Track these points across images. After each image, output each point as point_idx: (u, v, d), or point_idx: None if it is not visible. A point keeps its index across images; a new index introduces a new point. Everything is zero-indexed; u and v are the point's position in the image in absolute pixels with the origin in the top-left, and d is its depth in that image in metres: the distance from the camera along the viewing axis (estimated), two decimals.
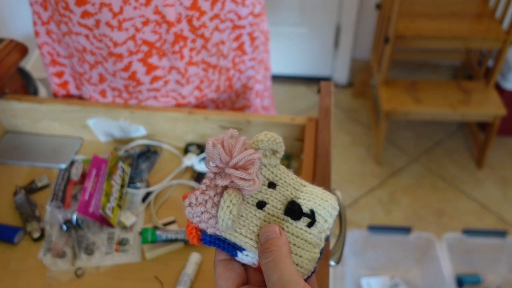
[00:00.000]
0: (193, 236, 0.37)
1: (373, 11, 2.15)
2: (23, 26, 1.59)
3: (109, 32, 0.73)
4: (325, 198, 0.37)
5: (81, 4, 0.70)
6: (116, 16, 0.71)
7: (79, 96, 0.91)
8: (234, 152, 0.34)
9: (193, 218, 0.35)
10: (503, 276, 1.53)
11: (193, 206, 0.35)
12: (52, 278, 0.65)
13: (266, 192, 0.37)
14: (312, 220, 0.36)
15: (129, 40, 0.75)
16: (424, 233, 1.49)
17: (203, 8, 0.75)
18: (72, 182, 0.76)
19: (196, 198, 0.35)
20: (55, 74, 0.88)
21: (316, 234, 0.36)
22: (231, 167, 0.34)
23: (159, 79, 0.81)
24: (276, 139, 0.36)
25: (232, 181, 0.34)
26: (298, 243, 0.35)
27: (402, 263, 1.53)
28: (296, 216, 0.36)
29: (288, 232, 0.36)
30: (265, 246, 0.34)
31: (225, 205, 0.33)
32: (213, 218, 0.34)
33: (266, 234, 0.34)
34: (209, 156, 0.35)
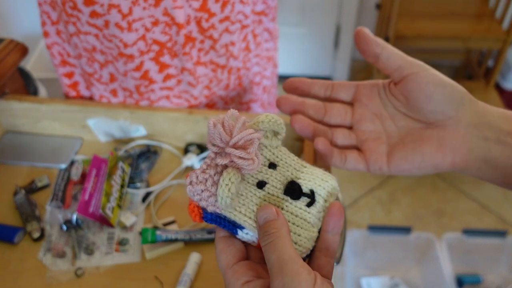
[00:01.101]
0: (195, 214, 0.38)
1: (373, 11, 2.15)
2: (23, 26, 1.59)
3: (118, 33, 0.73)
4: (326, 179, 0.38)
5: (89, 4, 0.69)
6: (125, 17, 0.71)
7: (90, 97, 0.90)
8: (234, 131, 0.35)
9: (194, 196, 0.36)
10: (503, 276, 1.53)
11: (193, 184, 0.35)
12: (52, 278, 0.65)
13: (267, 172, 0.37)
14: (311, 200, 0.37)
15: (139, 40, 0.74)
16: (424, 233, 1.49)
17: (213, 10, 0.75)
18: (72, 182, 0.76)
19: (196, 176, 0.35)
20: (65, 75, 0.88)
21: (315, 213, 0.36)
22: (231, 147, 0.34)
23: (172, 78, 0.81)
24: (276, 120, 0.37)
25: (232, 160, 0.34)
26: (297, 222, 0.36)
27: (402, 263, 1.53)
28: (296, 196, 0.37)
29: (288, 211, 0.36)
30: (264, 228, 0.34)
31: (224, 183, 0.33)
32: (213, 196, 0.35)
33: (263, 216, 0.35)
34: (210, 136, 0.35)
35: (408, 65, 0.40)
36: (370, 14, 2.18)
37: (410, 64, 0.40)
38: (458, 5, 1.92)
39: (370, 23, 2.21)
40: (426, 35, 1.76)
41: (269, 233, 0.34)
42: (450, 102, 0.39)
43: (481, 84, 1.91)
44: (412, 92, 0.40)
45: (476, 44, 1.78)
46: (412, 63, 0.40)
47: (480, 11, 1.89)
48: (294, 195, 0.37)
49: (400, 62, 0.40)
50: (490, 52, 1.93)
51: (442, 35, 1.76)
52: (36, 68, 1.70)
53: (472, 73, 2.10)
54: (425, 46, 1.81)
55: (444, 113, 0.39)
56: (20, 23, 1.70)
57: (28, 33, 1.82)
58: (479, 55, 2.07)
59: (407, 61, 0.40)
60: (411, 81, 0.39)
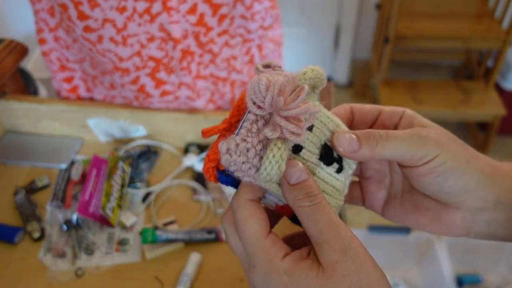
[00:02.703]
0: (209, 175, 0.34)
1: (373, 11, 2.15)
2: (23, 26, 1.59)
3: (113, 47, 0.72)
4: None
5: (83, 18, 0.69)
6: (120, 32, 0.71)
7: (90, 98, 0.90)
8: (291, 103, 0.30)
9: (230, 167, 0.31)
10: (503, 276, 1.53)
11: (232, 153, 0.30)
12: (52, 278, 0.65)
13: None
14: (340, 166, 0.35)
15: (134, 56, 0.74)
16: (424, 233, 1.49)
17: (210, 24, 0.74)
18: (72, 182, 0.76)
19: (236, 145, 0.30)
20: (65, 80, 0.87)
21: (342, 181, 0.35)
22: (284, 118, 0.30)
23: (169, 94, 0.81)
24: (322, 74, 0.33)
25: (282, 132, 0.30)
26: (327, 189, 0.34)
27: (402, 263, 1.53)
28: (329, 161, 0.34)
29: (319, 178, 0.34)
30: (301, 188, 0.31)
31: (274, 160, 0.30)
32: (253, 168, 0.30)
33: (297, 174, 0.31)
34: (255, 95, 0.30)
35: (407, 161, 0.33)
36: (370, 14, 2.18)
37: (410, 159, 0.33)
38: (458, 5, 1.92)
39: (370, 23, 2.21)
40: (426, 35, 1.76)
41: (312, 194, 0.31)
42: (454, 194, 0.34)
43: (481, 84, 1.92)
44: (410, 179, 0.36)
45: (476, 44, 1.78)
46: (414, 157, 0.33)
47: (480, 11, 1.89)
48: (328, 160, 0.34)
49: (398, 159, 0.34)
50: (490, 52, 1.93)
51: (442, 35, 1.76)
52: (36, 68, 1.70)
53: (472, 73, 2.10)
54: (425, 46, 1.81)
55: (445, 199, 0.35)
56: (20, 23, 1.70)
57: (28, 33, 1.82)
58: (479, 55, 2.07)
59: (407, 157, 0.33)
60: (408, 171, 0.35)
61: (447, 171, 0.33)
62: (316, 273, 0.29)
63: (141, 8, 0.68)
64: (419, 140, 0.33)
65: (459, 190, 0.34)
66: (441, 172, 0.33)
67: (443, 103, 1.83)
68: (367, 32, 2.26)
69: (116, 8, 0.68)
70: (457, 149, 0.34)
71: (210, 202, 0.75)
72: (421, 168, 0.33)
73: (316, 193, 0.31)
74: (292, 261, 0.30)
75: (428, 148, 0.33)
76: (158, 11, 0.69)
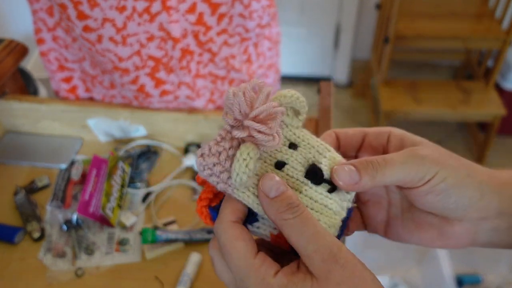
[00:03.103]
0: (205, 216, 0.35)
1: (373, 11, 2.15)
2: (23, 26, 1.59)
3: (113, 47, 0.72)
4: None
5: (82, 18, 0.69)
6: (119, 31, 0.71)
7: (90, 98, 0.90)
8: (256, 103, 0.31)
9: (204, 171, 0.32)
10: (503, 276, 1.53)
11: (205, 157, 0.32)
12: (52, 278, 0.65)
13: (286, 153, 0.34)
14: (332, 187, 0.34)
15: (134, 55, 0.74)
16: None
17: (209, 23, 0.74)
18: (72, 182, 0.76)
19: (209, 148, 0.32)
20: (63, 80, 0.87)
21: (337, 200, 0.34)
22: (251, 119, 0.31)
23: (169, 94, 0.81)
24: (299, 97, 0.34)
25: (251, 135, 0.31)
26: (316, 207, 0.33)
27: (402, 263, 1.53)
28: (317, 181, 0.34)
29: (306, 196, 0.33)
30: (282, 200, 0.31)
31: (241, 158, 0.30)
32: (226, 172, 0.31)
33: (275, 186, 0.31)
34: (227, 107, 0.32)
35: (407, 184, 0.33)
36: (370, 14, 2.18)
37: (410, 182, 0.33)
38: (458, 5, 1.92)
39: (370, 23, 2.21)
40: (426, 35, 1.76)
41: (294, 205, 0.31)
42: (455, 209, 0.34)
43: (481, 84, 1.92)
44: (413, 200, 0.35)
45: (476, 44, 1.78)
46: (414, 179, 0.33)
47: (480, 11, 1.89)
48: (316, 179, 0.34)
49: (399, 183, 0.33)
50: (490, 52, 1.93)
51: (442, 35, 1.76)
52: (36, 68, 1.70)
53: (472, 73, 2.10)
54: (425, 46, 1.81)
55: (449, 215, 0.35)
56: (20, 23, 1.70)
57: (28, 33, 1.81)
58: (479, 55, 2.07)
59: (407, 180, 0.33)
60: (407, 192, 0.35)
61: (448, 188, 0.33)
62: (311, 284, 0.29)
63: (140, 8, 0.68)
64: (416, 160, 0.33)
65: (463, 205, 0.34)
66: (442, 189, 0.33)
67: (443, 103, 1.83)
68: (367, 32, 2.26)
69: (116, 7, 0.68)
70: (455, 164, 0.34)
71: None
72: (422, 188, 0.33)
73: (297, 204, 0.31)
74: (284, 276, 0.30)
75: (427, 167, 0.33)
76: (157, 11, 0.69)
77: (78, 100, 0.89)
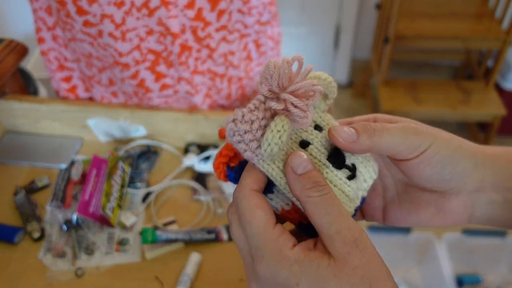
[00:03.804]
0: (220, 171, 0.34)
1: (373, 11, 2.15)
2: (23, 26, 1.59)
3: (112, 42, 0.73)
4: (368, 159, 0.35)
5: (81, 13, 0.69)
6: (118, 27, 0.71)
7: (89, 98, 0.90)
8: (296, 78, 0.31)
9: (234, 137, 0.31)
10: (503, 276, 1.53)
11: (237, 122, 0.31)
12: (52, 278, 0.65)
13: (312, 133, 0.34)
14: (352, 174, 0.34)
15: (134, 50, 0.74)
16: (424, 233, 1.49)
17: (208, 19, 0.74)
18: (72, 182, 0.76)
19: (242, 115, 0.31)
20: (63, 79, 0.87)
21: (354, 188, 0.34)
22: (289, 93, 0.31)
23: (169, 88, 0.81)
24: (332, 82, 0.34)
25: (286, 108, 0.31)
26: (335, 192, 0.33)
27: (402, 263, 1.53)
28: (338, 165, 0.34)
29: (326, 179, 0.33)
30: (309, 178, 0.31)
31: (276, 129, 0.30)
32: (256, 142, 0.31)
33: (303, 164, 0.31)
34: (265, 78, 0.31)
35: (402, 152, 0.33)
36: (370, 14, 2.18)
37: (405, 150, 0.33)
38: (458, 5, 1.92)
39: (370, 23, 2.21)
40: (426, 35, 1.76)
41: (321, 184, 0.31)
42: (451, 180, 0.35)
43: (481, 84, 1.92)
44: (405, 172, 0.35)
45: (476, 44, 1.78)
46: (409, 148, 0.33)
47: (480, 11, 1.89)
48: (337, 163, 0.34)
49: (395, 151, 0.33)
50: (490, 52, 1.93)
51: (442, 35, 1.76)
52: (36, 68, 1.70)
53: (472, 73, 2.10)
54: (425, 46, 1.81)
55: (443, 187, 0.35)
56: (20, 23, 1.70)
57: (28, 33, 1.82)
58: (479, 55, 2.07)
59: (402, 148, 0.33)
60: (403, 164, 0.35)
61: (443, 159, 0.34)
62: (328, 263, 0.29)
63: (139, 2, 0.69)
64: (412, 131, 0.33)
65: (458, 175, 0.34)
66: (437, 161, 0.33)
67: (443, 103, 1.83)
68: (367, 32, 2.26)
69: (114, 3, 0.68)
70: (447, 137, 0.35)
71: (210, 202, 0.75)
72: (418, 159, 0.34)
73: (324, 183, 0.31)
74: (302, 251, 0.30)
75: (422, 137, 0.33)
76: (156, 5, 0.69)
77: (78, 100, 0.89)
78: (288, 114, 0.31)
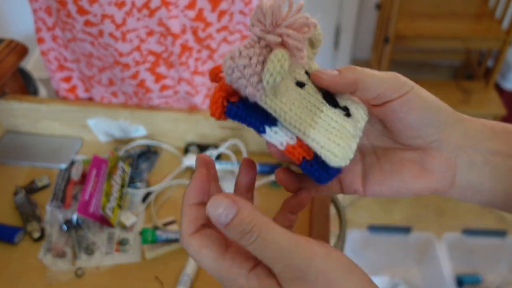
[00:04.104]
0: (217, 106, 0.33)
1: (373, 11, 2.15)
2: (23, 26, 1.59)
3: (113, 43, 0.72)
4: (356, 101, 0.35)
5: (82, 13, 0.69)
6: (119, 27, 0.71)
7: (89, 98, 0.90)
8: (289, 14, 0.31)
9: (233, 74, 0.31)
10: (503, 276, 1.53)
11: (235, 59, 0.31)
12: (52, 278, 0.65)
13: (303, 76, 0.35)
14: (347, 113, 0.34)
15: (134, 51, 0.74)
16: (424, 233, 1.49)
17: (209, 19, 0.74)
18: (72, 182, 0.76)
19: (239, 51, 0.31)
20: (63, 80, 0.87)
21: (353, 124, 0.34)
22: (285, 27, 0.30)
23: (169, 88, 0.81)
24: (318, 28, 0.34)
25: (283, 41, 0.30)
26: (337, 127, 0.33)
27: (402, 263, 1.53)
28: (333, 104, 0.34)
29: (328, 116, 0.33)
30: (234, 227, 0.28)
31: (276, 59, 0.30)
32: (256, 76, 0.31)
33: (223, 214, 0.28)
34: (256, 18, 0.31)
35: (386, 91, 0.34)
36: (370, 14, 2.18)
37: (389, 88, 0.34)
38: (458, 5, 1.92)
39: (370, 23, 2.21)
40: (426, 35, 1.76)
41: (246, 231, 0.28)
42: (434, 127, 0.35)
43: (481, 84, 1.91)
44: (390, 120, 0.35)
45: (476, 44, 1.78)
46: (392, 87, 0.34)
47: (480, 11, 1.89)
48: (333, 101, 0.34)
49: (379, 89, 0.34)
50: (490, 52, 1.93)
51: (442, 35, 1.76)
52: (36, 68, 1.70)
53: (472, 73, 2.10)
54: (425, 46, 1.81)
55: (426, 138, 0.35)
56: (20, 23, 1.70)
57: (28, 33, 1.82)
58: (479, 55, 2.07)
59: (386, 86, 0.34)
60: (388, 109, 0.35)
61: (425, 103, 0.34)
62: None
63: (139, 3, 0.68)
64: (392, 74, 0.34)
65: (440, 124, 0.35)
66: (421, 104, 0.34)
67: None
68: (367, 32, 2.26)
69: (115, 3, 0.68)
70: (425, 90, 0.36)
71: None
72: (401, 100, 0.34)
73: (250, 228, 0.28)
74: (257, 278, 0.30)
75: (404, 81, 0.34)
76: (157, 6, 0.69)
77: (78, 100, 0.89)
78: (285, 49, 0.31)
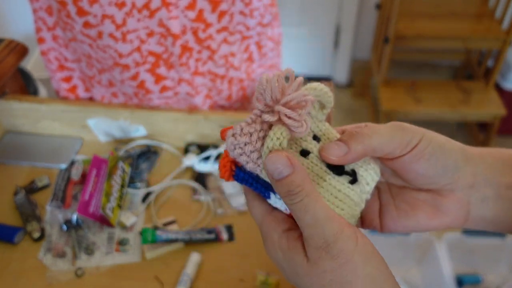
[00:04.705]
0: (225, 170, 0.35)
1: (373, 11, 2.15)
2: (23, 26, 1.59)
3: (113, 43, 0.72)
4: (368, 161, 0.36)
5: (82, 14, 0.69)
6: (119, 28, 0.71)
7: (89, 98, 0.90)
8: (288, 90, 0.32)
9: (235, 150, 0.33)
10: (503, 276, 1.53)
11: (236, 136, 0.33)
12: (52, 278, 0.65)
13: (311, 142, 0.35)
14: (353, 178, 0.35)
15: (134, 52, 0.74)
16: (424, 233, 1.49)
17: (209, 20, 0.74)
18: (72, 182, 0.76)
19: (241, 129, 0.33)
20: (63, 79, 0.87)
21: (358, 192, 0.35)
22: (282, 105, 0.32)
23: (169, 90, 0.81)
24: (327, 92, 0.35)
25: (280, 119, 0.32)
26: (340, 196, 0.34)
27: (402, 263, 1.53)
28: (339, 171, 0.35)
29: (331, 185, 0.34)
30: (283, 185, 0.31)
31: (275, 136, 0.32)
32: (256, 152, 0.33)
33: (277, 169, 0.31)
34: (259, 93, 0.33)
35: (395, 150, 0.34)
36: (370, 14, 2.18)
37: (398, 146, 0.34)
38: (458, 5, 1.92)
39: (370, 23, 2.21)
40: (426, 35, 1.76)
41: (293, 192, 0.31)
42: (445, 174, 0.35)
43: (481, 84, 1.92)
44: (401, 171, 0.36)
45: (476, 44, 1.78)
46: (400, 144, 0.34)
47: (480, 11, 1.89)
48: (337, 169, 0.35)
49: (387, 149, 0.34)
50: (490, 52, 1.93)
51: (442, 35, 1.76)
52: (36, 68, 1.70)
53: (472, 73, 2.10)
54: (425, 46, 1.81)
55: (438, 184, 0.36)
56: (20, 23, 1.70)
57: (28, 33, 1.82)
58: (479, 55, 2.07)
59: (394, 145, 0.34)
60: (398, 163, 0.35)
61: (435, 151, 0.34)
62: (301, 261, 0.32)
63: (140, 4, 0.68)
64: (400, 129, 0.34)
65: (451, 168, 0.35)
66: (430, 153, 0.34)
67: (443, 103, 1.83)
68: (367, 32, 2.26)
69: (115, 3, 0.68)
70: (434, 134, 0.35)
71: (210, 202, 0.75)
72: (411, 154, 0.34)
73: (298, 191, 0.31)
74: (287, 240, 0.33)
75: (411, 133, 0.34)
76: (157, 6, 0.69)
77: (78, 100, 0.89)
78: (284, 125, 0.32)
